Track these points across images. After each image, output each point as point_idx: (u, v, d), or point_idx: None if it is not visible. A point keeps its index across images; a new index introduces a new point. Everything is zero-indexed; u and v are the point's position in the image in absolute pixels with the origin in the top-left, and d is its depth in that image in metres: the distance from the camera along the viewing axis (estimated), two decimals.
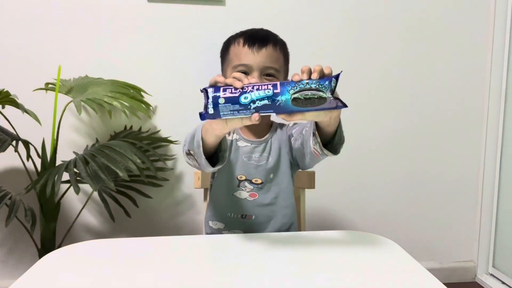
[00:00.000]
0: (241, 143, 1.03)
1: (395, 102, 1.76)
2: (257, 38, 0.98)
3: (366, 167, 1.78)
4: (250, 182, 1.01)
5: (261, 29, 1.03)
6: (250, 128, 1.04)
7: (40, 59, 1.56)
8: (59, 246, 1.43)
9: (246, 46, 0.97)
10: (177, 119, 1.65)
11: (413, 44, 1.74)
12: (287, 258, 0.78)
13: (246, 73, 0.96)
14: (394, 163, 1.80)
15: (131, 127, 1.64)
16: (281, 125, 1.08)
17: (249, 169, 1.02)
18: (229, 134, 1.04)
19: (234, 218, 1.03)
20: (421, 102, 1.78)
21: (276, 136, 1.05)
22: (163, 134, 1.65)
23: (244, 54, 0.96)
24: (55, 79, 1.42)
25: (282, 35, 1.03)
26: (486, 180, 1.83)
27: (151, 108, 1.58)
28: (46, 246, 1.41)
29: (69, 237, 1.52)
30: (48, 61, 1.54)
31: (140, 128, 1.64)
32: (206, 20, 1.62)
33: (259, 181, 1.02)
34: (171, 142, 1.55)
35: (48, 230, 1.42)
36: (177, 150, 1.65)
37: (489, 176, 1.82)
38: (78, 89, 1.45)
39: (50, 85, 1.47)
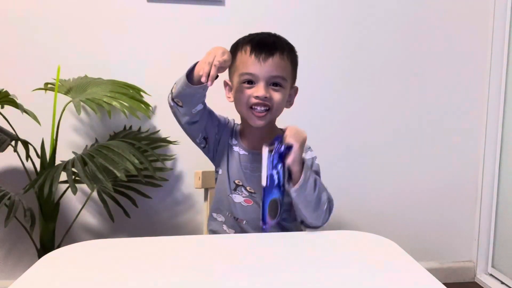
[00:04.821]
0: (238, 149, 1.03)
1: (395, 102, 1.76)
2: (264, 46, 0.96)
3: (366, 167, 1.78)
4: (245, 189, 1.02)
5: (269, 35, 1.01)
6: (253, 137, 1.03)
7: (39, 59, 1.56)
8: (59, 246, 1.43)
9: (253, 55, 0.95)
10: None
11: (413, 44, 1.74)
12: (287, 258, 0.78)
13: (251, 82, 0.96)
14: (394, 163, 1.80)
15: (130, 127, 1.63)
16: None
17: (245, 176, 1.02)
18: (228, 139, 1.05)
19: (229, 217, 1.05)
20: (421, 102, 1.78)
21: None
22: (163, 134, 1.64)
23: (251, 64, 0.95)
24: (55, 79, 1.42)
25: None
26: (486, 180, 1.83)
27: (150, 108, 1.58)
28: (46, 246, 1.41)
29: (69, 237, 1.52)
30: (48, 61, 1.54)
31: (139, 128, 1.63)
32: (206, 20, 1.62)
33: (252, 190, 1.02)
34: (170, 142, 1.55)
35: (48, 230, 1.41)
36: (176, 150, 1.65)
37: (488, 176, 1.82)
38: (77, 89, 1.45)
39: (49, 85, 1.47)
